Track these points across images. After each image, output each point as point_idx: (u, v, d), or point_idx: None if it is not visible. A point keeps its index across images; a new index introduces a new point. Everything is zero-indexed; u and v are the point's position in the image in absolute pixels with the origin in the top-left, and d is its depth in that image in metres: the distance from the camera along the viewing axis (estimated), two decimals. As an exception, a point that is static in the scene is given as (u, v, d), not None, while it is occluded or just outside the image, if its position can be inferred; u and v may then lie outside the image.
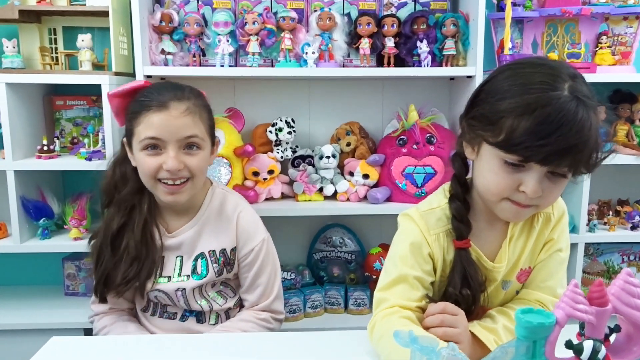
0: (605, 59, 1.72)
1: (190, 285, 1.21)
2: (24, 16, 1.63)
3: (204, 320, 1.26)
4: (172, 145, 1.11)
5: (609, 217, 1.80)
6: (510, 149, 0.80)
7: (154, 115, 1.10)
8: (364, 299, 1.77)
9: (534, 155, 0.78)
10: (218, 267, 1.22)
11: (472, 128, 0.87)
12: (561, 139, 0.76)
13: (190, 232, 1.21)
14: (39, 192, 1.69)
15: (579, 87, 0.79)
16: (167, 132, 1.10)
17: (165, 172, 1.11)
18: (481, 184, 0.89)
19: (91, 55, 1.64)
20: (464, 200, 0.94)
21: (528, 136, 0.77)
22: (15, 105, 1.58)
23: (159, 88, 1.15)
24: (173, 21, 1.65)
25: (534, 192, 0.81)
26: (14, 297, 1.80)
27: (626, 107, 1.80)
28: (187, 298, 1.22)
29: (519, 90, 0.80)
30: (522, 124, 0.77)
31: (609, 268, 1.89)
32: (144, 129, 1.10)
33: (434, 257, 0.95)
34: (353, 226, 1.91)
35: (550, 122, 0.76)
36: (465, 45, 1.68)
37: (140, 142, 1.11)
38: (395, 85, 1.88)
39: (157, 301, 1.24)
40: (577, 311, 0.58)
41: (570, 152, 0.77)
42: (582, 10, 1.67)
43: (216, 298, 1.25)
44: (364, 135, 1.81)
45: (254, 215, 1.28)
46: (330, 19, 1.65)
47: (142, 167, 1.13)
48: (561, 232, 0.99)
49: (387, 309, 0.91)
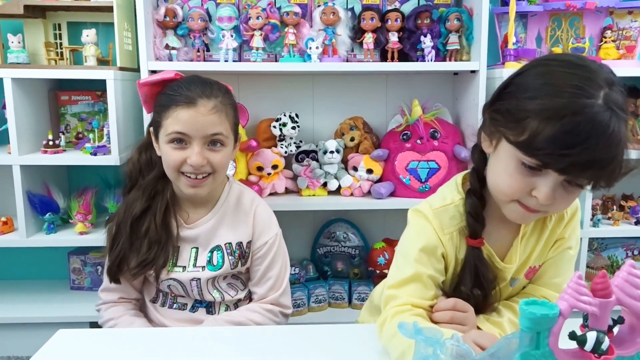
0: (609, 53, 1.71)
1: (205, 275, 1.22)
2: (29, 11, 1.63)
3: (214, 311, 1.27)
4: (197, 141, 1.14)
5: (613, 211, 1.80)
6: (530, 152, 0.75)
7: (182, 111, 1.12)
8: (368, 294, 1.78)
9: (554, 164, 0.74)
10: (234, 260, 1.24)
11: (494, 122, 0.82)
12: (587, 151, 0.71)
13: (208, 224, 1.24)
14: (44, 187, 1.70)
15: (615, 96, 0.74)
16: (193, 129, 1.13)
17: (188, 166, 1.14)
18: (493, 181, 0.86)
19: (96, 50, 1.65)
20: (480, 196, 0.90)
21: (551, 143, 0.72)
22: (20, 100, 1.59)
23: (189, 83, 1.17)
24: (177, 16, 1.66)
25: (547, 199, 0.77)
26: (20, 291, 1.81)
27: (630, 102, 1.80)
28: (201, 288, 1.23)
29: (550, 91, 0.74)
30: (548, 129, 0.72)
31: (612, 263, 1.89)
32: (172, 124, 1.13)
33: (447, 256, 0.93)
34: (357, 221, 1.92)
35: (578, 132, 0.71)
36: (469, 39, 1.68)
37: (167, 136, 1.14)
38: (399, 80, 1.88)
39: (168, 291, 1.26)
40: (581, 302, 0.58)
41: (594, 167, 0.73)
42: (587, 4, 1.66)
43: (228, 289, 1.27)
44: (368, 130, 1.81)
45: (269, 210, 1.31)
46: (334, 14, 1.65)
47: (167, 159, 1.16)
48: (572, 230, 0.97)
49: (398, 307, 0.88)
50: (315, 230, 1.94)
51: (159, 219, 1.19)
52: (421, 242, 0.92)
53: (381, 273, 1.73)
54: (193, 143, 1.13)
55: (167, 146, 1.15)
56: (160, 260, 1.19)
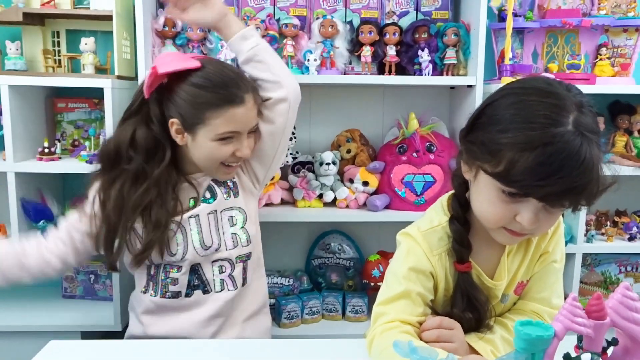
0: (604, 70, 1.73)
1: (201, 210, 1.22)
2: (27, 19, 1.63)
3: (209, 289, 1.24)
4: (244, 135, 1.19)
5: (607, 227, 1.81)
6: (508, 183, 0.78)
7: (236, 110, 1.15)
8: (362, 306, 1.77)
9: (533, 193, 0.77)
10: (225, 190, 1.26)
11: (471, 153, 0.85)
12: (562, 180, 0.73)
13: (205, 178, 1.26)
14: (39, 194, 1.69)
15: (585, 119, 0.76)
16: (244, 125, 1.18)
17: (234, 158, 1.19)
18: (478, 209, 0.88)
19: (94, 58, 1.65)
20: (464, 221, 0.92)
21: (527, 175, 0.74)
22: (17, 107, 1.58)
23: (222, 77, 1.15)
24: (176, 26, 1.66)
25: (530, 224, 0.80)
26: (11, 299, 1.79)
27: (625, 119, 1.81)
28: (201, 226, 1.22)
29: (521, 123, 0.76)
30: (523, 160, 0.74)
31: (606, 278, 1.90)
32: (224, 123, 1.14)
33: (437, 276, 0.94)
34: (352, 233, 1.92)
35: (551, 162, 0.73)
36: (466, 54, 1.69)
37: (218, 134, 1.15)
38: (396, 93, 1.89)
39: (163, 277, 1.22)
40: (576, 324, 0.59)
41: (572, 193, 0.76)
42: (583, 21, 1.68)
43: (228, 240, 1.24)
44: (364, 143, 1.81)
45: None
46: (333, 27, 1.66)
47: (214, 154, 1.18)
48: (556, 243, 0.99)
49: (387, 324, 0.89)
50: (310, 241, 1.94)
51: (164, 207, 1.18)
52: (410, 262, 0.93)
53: (375, 285, 1.73)
54: (241, 137, 1.18)
55: (214, 143, 1.17)
56: (163, 239, 1.18)
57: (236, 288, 1.26)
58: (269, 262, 1.46)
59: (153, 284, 1.25)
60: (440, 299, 0.97)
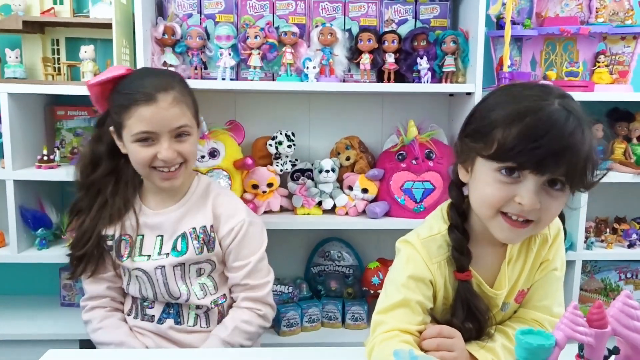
0: (603, 78, 1.73)
1: (169, 262, 1.22)
2: (27, 27, 1.64)
3: (182, 322, 1.26)
4: (164, 137, 1.15)
5: (606, 234, 1.81)
6: (503, 157, 0.80)
7: (144, 109, 1.12)
8: (362, 314, 1.77)
9: (528, 161, 0.78)
10: (198, 244, 1.23)
11: (466, 146, 0.87)
12: (553, 141, 0.76)
13: (174, 214, 1.24)
14: (37, 202, 1.69)
15: (570, 103, 0.80)
16: (159, 125, 1.14)
17: (160, 161, 1.16)
18: (476, 199, 0.88)
19: (94, 66, 1.65)
20: (463, 230, 0.92)
21: (520, 140, 0.77)
22: (16, 114, 1.58)
23: (142, 78, 1.17)
24: (176, 34, 1.67)
25: (531, 202, 0.79)
26: (10, 307, 1.79)
27: (623, 126, 1.81)
28: (166, 277, 1.22)
29: (509, 101, 0.82)
30: (514, 130, 0.78)
31: (606, 285, 1.90)
32: (135, 123, 1.13)
33: (436, 284, 0.94)
34: (351, 240, 1.91)
35: (541, 125, 0.77)
36: (465, 62, 1.70)
37: (133, 136, 1.14)
38: (395, 100, 1.90)
39: (138, 296, 1.26)
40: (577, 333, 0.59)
41: (564, 156, 0.77)
42: (581, 29, 1.69)
43: (197, 290, 1.25)
44: (364, 150, 1.81)
45: (235, 199, 1.34)
46: (332, 35, 1.66)
47: (136, 157, 1.17)
48: (556, 251, 0.98)
49: (386, 333, 0.89)
50: (310, 249, 1.94)
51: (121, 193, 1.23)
52: (409, 270, 0.93)
53: (375, 293, 1.72)
54: (160, 139, 1.15)
55: (134, 145, 1.15)
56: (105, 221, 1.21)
57: (209, 327, 1.27)
58: (268, 270, 1.45)
59: (135, 307, 1.29)
60: (439, 307, 0.96)
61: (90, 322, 1.26)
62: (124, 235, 1.23)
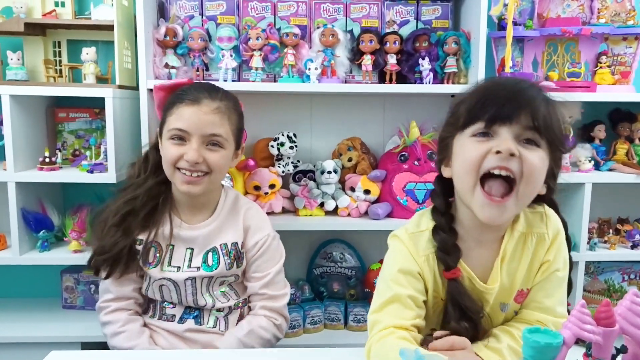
0: (605, 79, 1.73)
1: (200, 275, 1.24)
2: (29, 29, 1.64)
3: (202, 322, 1.28)
4: (195, 139, 1.17)
5: (610, 235, 1.80)
6: (472, 120, 0.87)
7: (186, 108, 1.17)
8: (364, 315, 1.76)
9: (492, 113, 0.85)
10: (229, 260, 1.26)
11: (443, 140, 0.95)
12: (511, 90, 0.86)
13: (209, 227, 1.26)
14: (39, 204, 1.68)
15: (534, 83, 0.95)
16: (193, 126, 1.17)
17: (184, 162, 1.17)
18: (459, 170, 0.90)
19: (95, 68, 1.65)
20: (450, 228, 0.94)
21: (482, 99, 0.87)
22: (18, 116, 1.58)
23: (198, 86, 1.24)
24: (177, 36, 1.67)
25: (507, 145, 0.83)
26: (12, 310, 1.78)
27: (626, 126, 1.81)
28: (195, 289, 1.25)
29: (474, 86, 0.93)
30: (475, 95, 0.89)
31: (609, 287, 1.89)
32: (174, 120, 1.18)
33: (425, 278, 0.95)
34: (354, 242, 1.91)
35: (500, 83, 0.92)
36: (467, 63, 1.70)
37: (169, 132, 1.19)
38: (396, 101, 1.89)
39: (159, 298, 1.27)
40: (585, 331, 0.58)
41: (525, 99, 0.85)
42: (582, 30, 1.69)
43: (220, 297, 1.28)
44: (366, 151, 1.81)
45: (261, 213, 1.36)
46: (333, 36, 1.66)
47: (166, 154, 1.20)
48: (557, 252, 0.97)
49: (381, 331, 0.90)
50: (312, 250, 1.93)
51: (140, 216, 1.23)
52: (398, 264, 0.95)
53: (378, 295, 1.71)
54: (192, 140, 1.17)
55: (168, 142, 1.19)
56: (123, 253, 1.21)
57: (227, 329, 1.29)
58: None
59: (152, 306, 1.30)
60: (430, 301, 0.96)
61: (111, 324, 1.25)
62: (154, 242, 1.24)
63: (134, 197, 1.23)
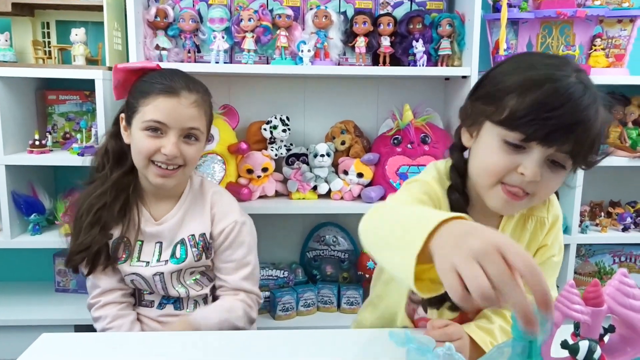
0: (599, 61, 1.73)
1: (168, 269, 1.21)
2: (17, 9, 1.61)
3: (182, 307, 1.27)
4: (174, 132, 1.14)
5: (601, 218, 1.82)
6: (513, 125, 0.78)
7: (164, 99, 1.13)
8: (357, 298, 1.77)
9: (537, 132, 0.76)
10: (197, 252, 1.23)
11: (475, 109, 0.85)
12: (567, 115, 0.75)
13: (174, 220, 1.23)
14: (30, 188, 1.67)
15: (586, 77, 0.79)
16: (173, 119, 1.13)
17: (161, 155, 1.14)
18: (477, 166, 0.86)
19: (85, 49, 1.63)
20: (463, 192, 0.91)
21: (534, 109, 0.75)
22: (7, 99, 1.56)
23: (171, 74, 1.18)
24: (168, 17, 1.64)
25: (533, 174, 0.78)
26: (4, 293, 1.78)
27: (619, 110, 1.81)
28: (164, 283, 1.23)
29: (526, 68, 0.80)
30: (528, 98, 0.76)
31: (600, 269, 1.91)
32: (151, 111, 1.13)
33: None
34: (347, 225, 1.91)
35: (558, 96, 0.75)
36: (461, 45, 1.69)
37: (144, 122, 1.13)
38: (390, 84, 1.88)
39: (134, 287, 1.26)
40: (573, 311, 0.58)
41: (575, 131, 0.75)
42: (577, 12, 1.68)
43: (193, 285, 1.26)
44: (359, 134, 1.80)
45: (228, 198, 1.31)
46: (327, 17, 1.64)
47: (139, 146, 1.15)
48: (555, 237, 0.97)
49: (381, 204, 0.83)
50: (305, 233, 1.93)
51: (115, 211, 1.19)
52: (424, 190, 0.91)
53: (370, 277, 1.72)
54: (169, 133, 1.14)
55: (142, 133, 1.14)
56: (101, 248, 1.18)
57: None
58: (263, 255, 1.45)
59: None
60: None
61: (101, 320, 1.23)
62: (124, 238, 1.21)
63: (104, 192, 1.18)
